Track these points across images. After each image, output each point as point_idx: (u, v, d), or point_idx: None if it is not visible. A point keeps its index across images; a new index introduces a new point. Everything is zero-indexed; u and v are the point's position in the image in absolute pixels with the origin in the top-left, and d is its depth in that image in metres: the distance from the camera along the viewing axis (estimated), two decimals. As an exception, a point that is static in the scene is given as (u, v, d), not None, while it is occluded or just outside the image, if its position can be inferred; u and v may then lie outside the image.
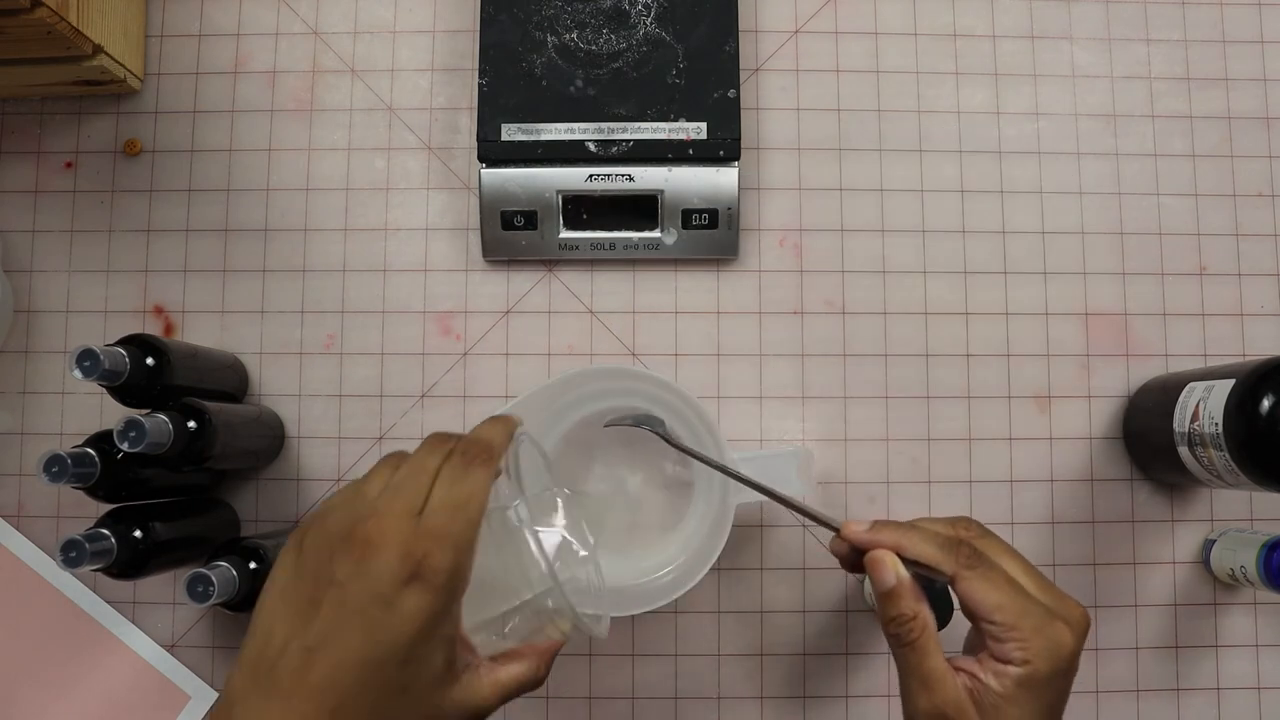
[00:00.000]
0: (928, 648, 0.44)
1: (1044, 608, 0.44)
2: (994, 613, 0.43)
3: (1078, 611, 0.44)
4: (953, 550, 0.45)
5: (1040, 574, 0.46)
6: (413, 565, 0.38)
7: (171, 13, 0.71)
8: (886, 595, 0.46)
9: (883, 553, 0.46)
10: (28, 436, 0.68)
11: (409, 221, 0.70)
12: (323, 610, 0.38)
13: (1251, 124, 0.71)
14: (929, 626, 0.45)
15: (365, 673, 0.38)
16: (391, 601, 0.38)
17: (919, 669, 0.44)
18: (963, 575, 0.44)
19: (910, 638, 0.45)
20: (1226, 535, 0.66)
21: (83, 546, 0.52)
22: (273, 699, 0.38)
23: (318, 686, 0.37)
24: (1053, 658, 0.43)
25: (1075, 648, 0.43)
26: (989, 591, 0.44)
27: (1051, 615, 0.43)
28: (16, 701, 0.65)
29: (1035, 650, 0.42)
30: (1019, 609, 0.43)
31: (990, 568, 0.44)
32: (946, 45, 0.71)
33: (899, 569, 0.46)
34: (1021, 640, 0.43)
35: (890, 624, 0.46)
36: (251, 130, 0.70)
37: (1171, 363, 0.69)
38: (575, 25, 0.67)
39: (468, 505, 0.40)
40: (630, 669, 0.66)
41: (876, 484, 0.68)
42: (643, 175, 0.66)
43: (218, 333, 0.69)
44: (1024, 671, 0.42)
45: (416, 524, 0.39)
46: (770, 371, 0.68)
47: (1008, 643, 0.43)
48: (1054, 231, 0.70)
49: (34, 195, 0.70)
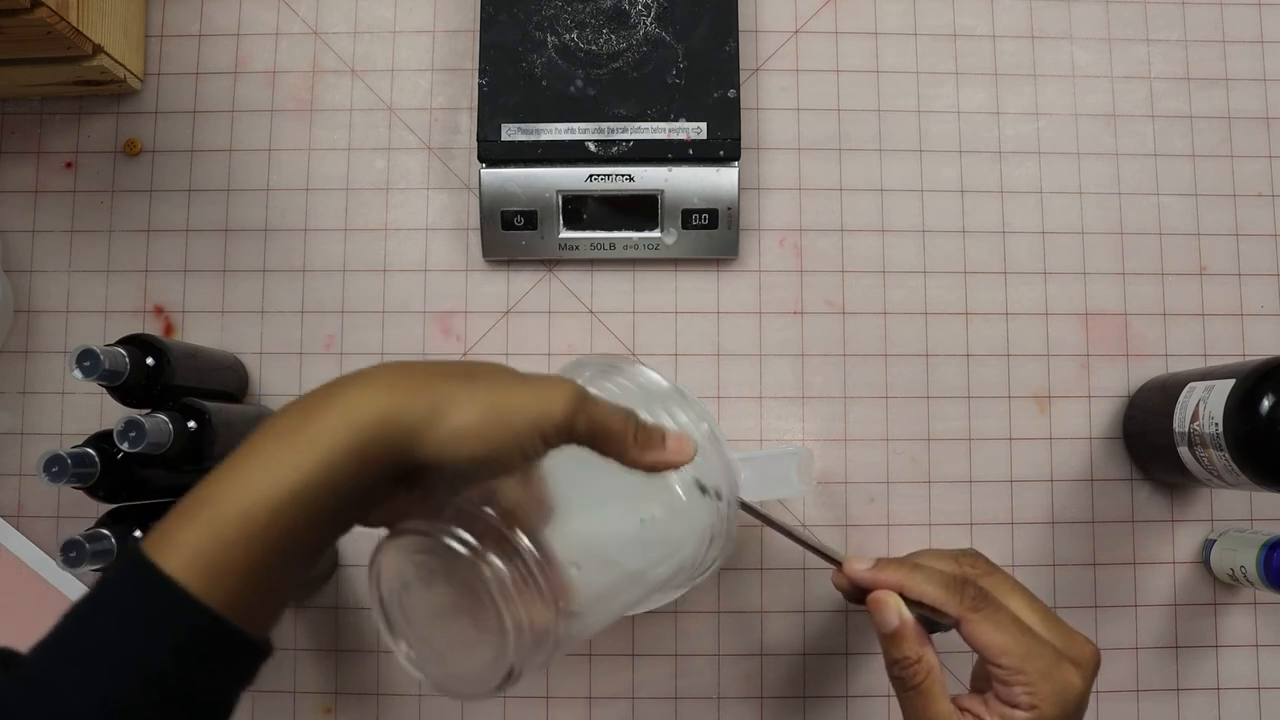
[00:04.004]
0: (932, 692, 0.44)
1: (1052, 650, 0.43)
2: (1000, 656, 0.42)
3: (1088, 650, 0.44)
4: (958, 591, 0.44)
5: (1049, 611, 0.45)
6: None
7: (171, 13, 0.71)
8: (889, 637, 0.45)
9: (885, 594, 0.45)
10: (28, 436, 0.68)
11: (409, 221, 0.70)
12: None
13: (1251, 124, 0.71)
14: (934, 670, 0.44)
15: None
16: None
17: (923, 713, 0.43)
18: (968, 618, 0.43)
19: (915, 682, 0.44)
20: (1226, 535, 0.66)
21: (83, 546, 0.52)
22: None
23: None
24: (1060, 702, 0.42)
25: (1084, 689, 0.43)
26: (995, 634, 0.43)
27: (1059, 658, 0.42)
28: (16, 701, 0.65)
29: (1042, 695, 0.42)
30: (1025, 651, 0.42)
31: (997, 609, 0.43)
32: (946, 45, 0.71)
33: (902, 610, 0.45)
34: (1028, 684, 0.42)
35: (894, 666, 0.45)
36: (251, 130, 0.70)
37: (1171, 363, 0.69)
38: (575, 25, 0.67)
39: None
40: (630, 669, 0.66)
41: (876, 484, 0.68)
42: (643, 175, 0.66)
43: (218, 333, 0.69)
44: (1030, 716, 0.42)
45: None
46: (770, 371, 0.68)
47: (1014, 686, 0.42)
48: (1054, 231, 0.70)
49: (34, 195, 0.70)
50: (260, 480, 0.34)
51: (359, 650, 0.66)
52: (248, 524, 0.33)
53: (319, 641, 0.66)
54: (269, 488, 0.34)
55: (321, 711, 0.66)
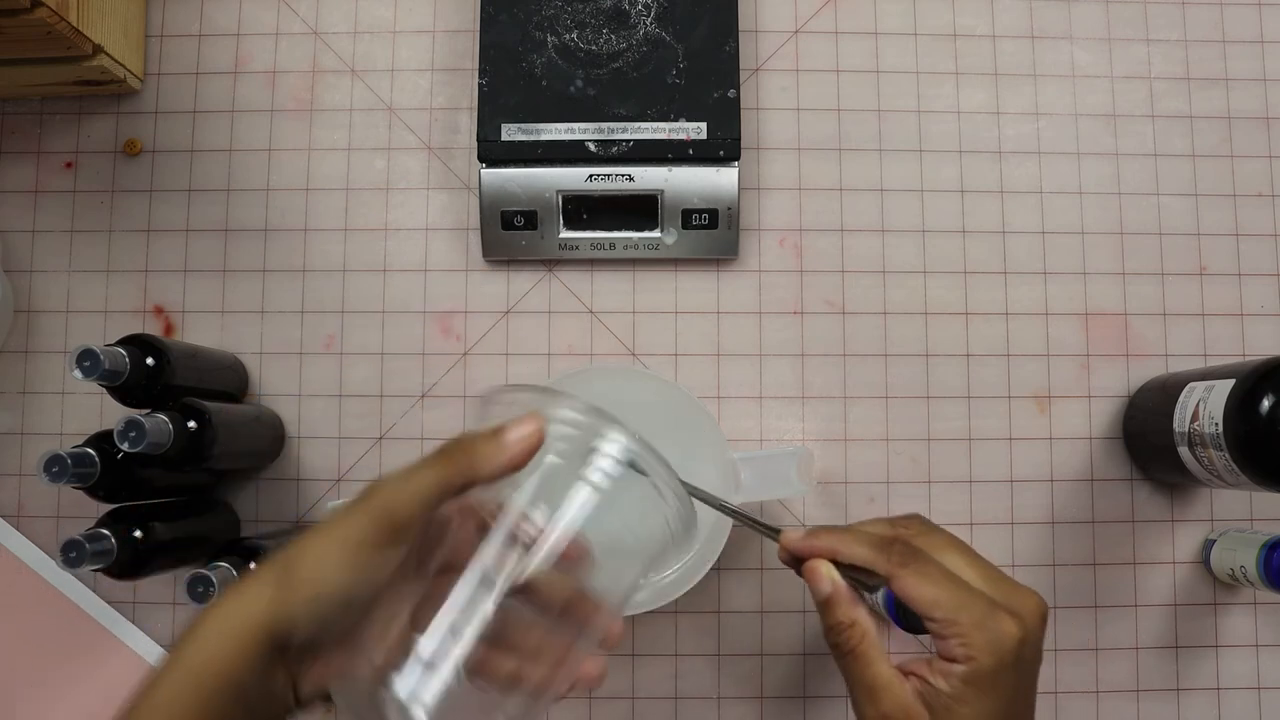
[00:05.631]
0: (869, 655, 0.43)
1: (986, 600, 0.41)
2: (931, 609, 0.41)
3: (1030, 602, 0.42)
4: (885, 550, 0.43)
5: (991, 567, 0.44)
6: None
7: (171, 13, 0.71)
8: (823, 604, 0.45)
9: (817, 561, 0.45)
10: (28, 436, 0.68)
11: (409, 221, 0.70)
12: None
13: (1251, 124, 0.71)
14: (868, 633, 0.43)
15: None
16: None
17: (862, 678, 0.43)
18: (897, 574, 0.42)
19: (849, 645, 0.43)
20: (1226, 535, 0.66)
21: (83, 546, 0.52)
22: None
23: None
24: (995, 651, 0.40)
25: (1022, 637, 0.41)
26: (924, 587, 0.42)
27: (994, 608, 0.41)
28: (16, 701, 0.65)
29: (977, 645, 0.40)
30: (956, 603, 0.41)
31: (926, 563, 0.43)
32: (946, 45, 0.71)
33: (834, 576, 0.44)
34: (962, 636, 0.41)
35: (829, 633, 0.44)
36: (251, 130, 0.70)
37: (1171, 363, 0.69)
38: (575, 25, 0.67)
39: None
40: (630, 669, 0.66)
41: (876, 484, 0.68)
42: (643, 175, 0.66)
43: (218, 333, 0.69)
44: (968, 669, 0.41)
45: None
46: (770, 371, 0.68)
47: (949, 639, 0.41)
48: (1054, 231, 0.70)
49: (34, 195, 0.70)
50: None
51: (359, 650, 0.66)
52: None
53: (319, 641, 0.66)
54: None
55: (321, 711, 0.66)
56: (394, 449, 0.68)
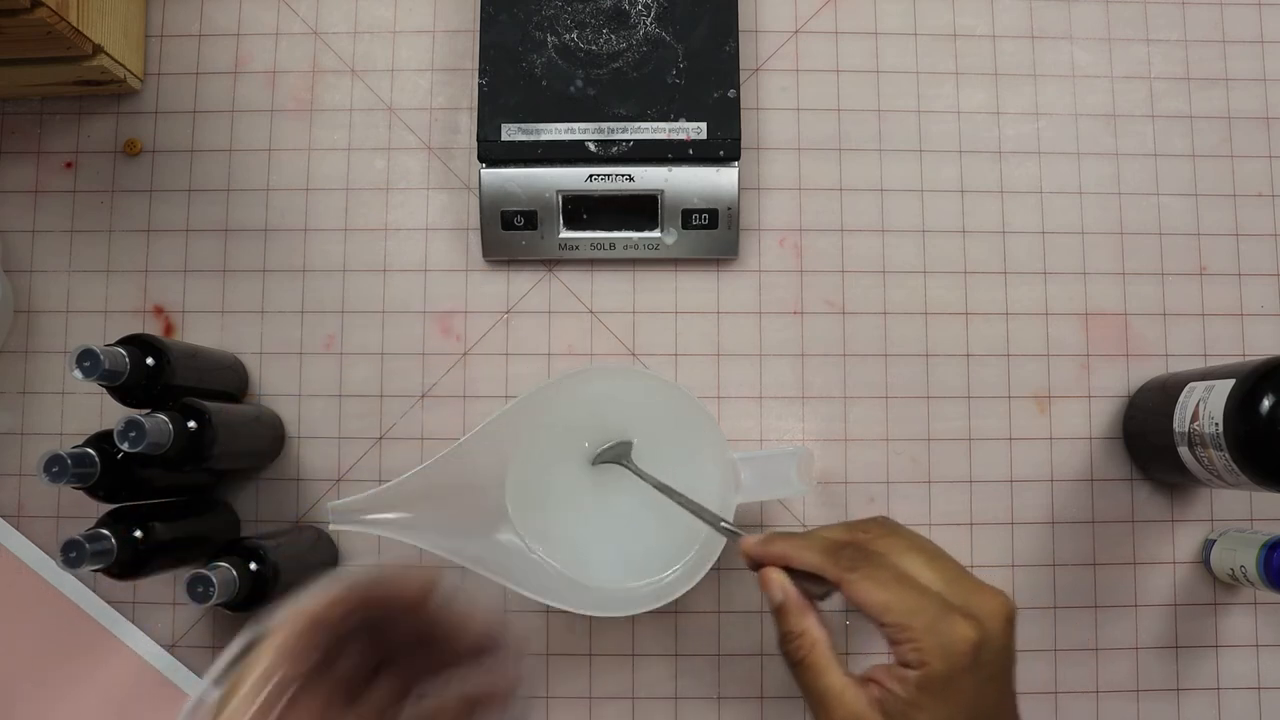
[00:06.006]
0: (818, 665, 0.42)
1: (939, 603, 0.40)
2: (883, 614, 0.41)
3: (991, 603, 0.41)
4: (835, 555, 0.42)
5: (955, 568, 0.42)
6: None
7: (171, 13, 0.71)
8: (776, 613, 0.44)
9: (770, 569, 0.45)
10: (28, 436, 0.68)
11: (409, 221, 0.70)
12: None
13: (1251, 124, 0.71)
14: (818, 643, 0.43)
15: None
16: None
17: (813, 688, 0.42)
18: (846, 579, 0.42)
19: (798, 655, 0.43)
20: (1226, 535, 0.66)
21: (83, 546, 0.52)
22: None
23: None
24: (947, 656, 0.39)
25: (978, 641, 0.40)
26: (874, 592, 0.41)
27: (947, 610, 0.40)
28: (16, 701, 0.65)
29: (928, 650, 0.39)
30: (907, 607, 0.40)
31: (877, 567, 0.42)
32: (946, 45, 0.71)
33: (785, 584, 0.44)
34: (914, 641, 0.40)
35: (781, 642, 0.44)
36: (251, 130, 0.70)
37: (1171, 363, 0.69)
38: (575, 25, 0.67)
39: None
40: (630, 669, 0.66)
41: (876, 484, 0.68)
42: (643, 175, 0.66)
43: (218, 333, 0.69)
44: (921, 674, 0.40)
45: None
46: (770, 371, 0.68)
47: (903, 644, 0.40)
48: (1054, 231, 0.70)
49: (34, 195, 0.70)
50: None
51: (359, 650, 0.66)
52: None
53: (319, 641, 0.66)
54: None
55: None
56: (394, 449, 0.68)
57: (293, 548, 0.63)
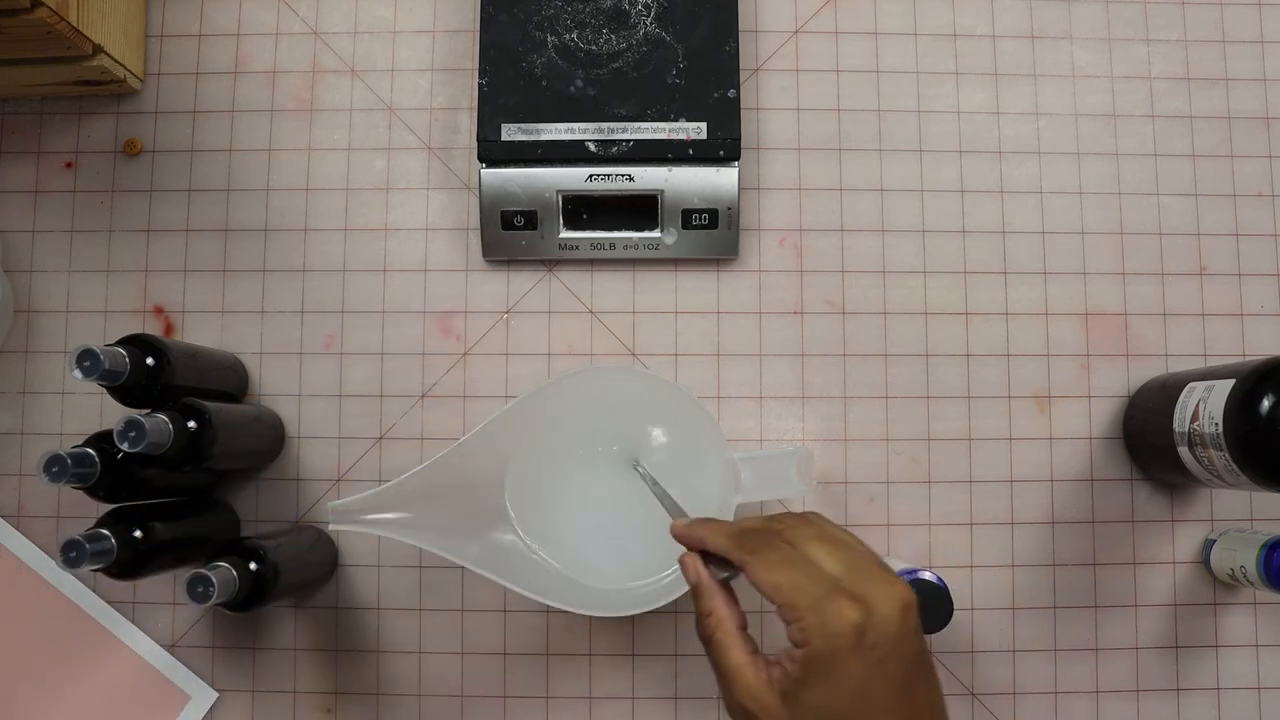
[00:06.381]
0: (724, 643, 0.44)
1: (828, 584, 0.41)
2: (774, 594, 0.42)
3: (886, 590, 0.41)
4: (739, 539, 0.44)
5: (864, 558, 0.43)
6: None
7: (171, 13, 0.71)
8: (691, 594, 0.46)
9: (687, 554, 0.47)
10: (28, 436, 0.68)
11: (409, 221, 0.70)
12: None
13: (1251, 124, 0.71)
14: (724, 622, 0.44)
15: None
16: None
17: (719, 665, 0.44)
18: (745, 560, 0.43)
19: (706, 634, 0.45)
20: (1226, 535, 0.66)
21: (83, 546, 0.52)
22: None
23: None
24: (827, 635, 0.40)
25: (861, 623, 0.40)
26: (767, 572, 0.42)
27: (835, 591, 0.41)
28: (16, 701, 0.65)
29: (810, 628, 0.40)
30: (794, 587, 0.41)
31: (775, 550, 0.43)
32: (946, 45, 0.71)
33: (698, 566, 0.46)
34: (800, 620, 0.41)
35: (696, 622, 0.46)
36: (251, 130, 0.70)
37: (1171, 363, 0.69)
38: (575, 25, 0.67)
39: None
40: (630, 669, 0.66)
41: (876, 484, 0.68)
42: (643, 175, 0.66)
43: (218, 333, 0.69)
44: (804, 653, 0.40)
45: None
46: (770, 371, 0.68)
47: (791, 624, 0.41)
48: (1054, 231, 0.70)
49: (34, 195, 0.70)
50: None
51: (359, 650, 0.66)
52: None
53: (319, 641, 0.66)
54: None
55: (321, 711, 0.66)
56: (394, 449, 0.68)
57: (293, 548, 0.63)
